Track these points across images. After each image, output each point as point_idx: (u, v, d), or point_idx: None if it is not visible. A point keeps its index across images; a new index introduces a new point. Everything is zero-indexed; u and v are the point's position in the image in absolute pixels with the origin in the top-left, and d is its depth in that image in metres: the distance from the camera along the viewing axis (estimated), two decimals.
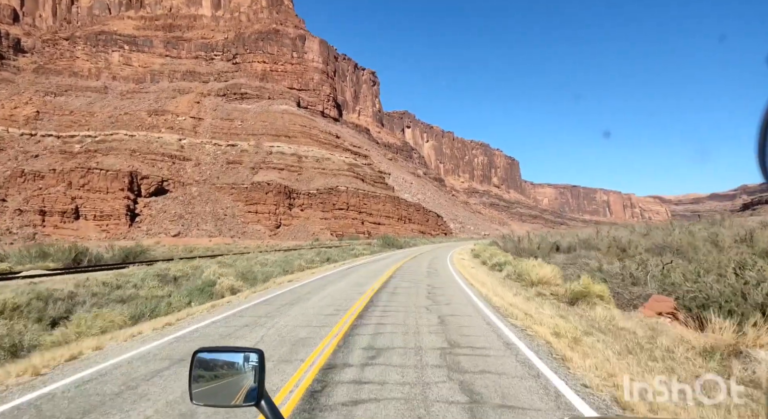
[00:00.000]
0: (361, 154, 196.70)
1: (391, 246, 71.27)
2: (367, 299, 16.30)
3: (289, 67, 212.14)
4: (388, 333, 10.64)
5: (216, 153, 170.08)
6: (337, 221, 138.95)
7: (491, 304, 15.57)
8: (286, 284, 20.74)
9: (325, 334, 10.62)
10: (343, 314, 13.39)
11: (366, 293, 18.00)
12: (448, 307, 15.20)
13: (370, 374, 7.47)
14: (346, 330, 11.08)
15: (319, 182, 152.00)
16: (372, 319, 12.60)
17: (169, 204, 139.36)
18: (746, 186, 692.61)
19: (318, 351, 9.07)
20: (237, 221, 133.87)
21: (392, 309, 14.49)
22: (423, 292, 19.06)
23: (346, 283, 21.56)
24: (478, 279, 23.14)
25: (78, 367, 8.29)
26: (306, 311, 14.12)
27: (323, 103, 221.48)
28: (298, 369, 7.83)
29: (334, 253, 40.88)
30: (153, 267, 25.10)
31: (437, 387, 6.77)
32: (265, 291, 18.65)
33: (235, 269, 23.06)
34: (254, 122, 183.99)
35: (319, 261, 29.95)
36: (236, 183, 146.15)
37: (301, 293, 18.04)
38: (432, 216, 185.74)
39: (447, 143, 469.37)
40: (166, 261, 29.30)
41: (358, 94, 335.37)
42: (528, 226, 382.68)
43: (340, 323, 11.98)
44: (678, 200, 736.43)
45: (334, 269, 28.63)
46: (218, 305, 15.53)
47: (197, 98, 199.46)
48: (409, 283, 22.09)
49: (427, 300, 16.73)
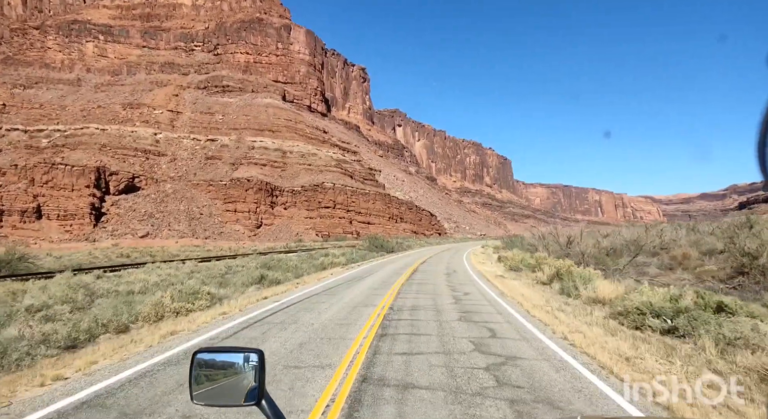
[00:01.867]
0: (350, 150, 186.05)
1: (379, 249, 58.53)
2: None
3: (273, 58, 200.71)
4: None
5: (194, 148, 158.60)
6: (323, 221, 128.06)
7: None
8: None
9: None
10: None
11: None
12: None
13: None
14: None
15: (305, 179, 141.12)
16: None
17: (139, 202, 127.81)
18: (736, 186, 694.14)
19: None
20: (214, 220, 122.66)
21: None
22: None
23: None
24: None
25: None
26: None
27: (310, 98, 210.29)
28: None
29: (294, 262, 29.16)
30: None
31: None
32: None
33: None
34: (236, 116, 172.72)
35: (242, 284, 18.34)
36: (214, 180, 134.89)
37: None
38: (425, 215, 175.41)
39: (439, 142, 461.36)
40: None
41: (347, 90, 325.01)
42: (521, 226, 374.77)
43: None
44: (668, 200, 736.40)
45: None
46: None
47: (176, 91, 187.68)
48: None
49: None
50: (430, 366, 8.15)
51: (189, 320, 12.21)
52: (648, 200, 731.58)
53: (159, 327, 11.46)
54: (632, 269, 25.12)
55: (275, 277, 19.18)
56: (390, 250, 60.66)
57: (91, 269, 23.58)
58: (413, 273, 27.42)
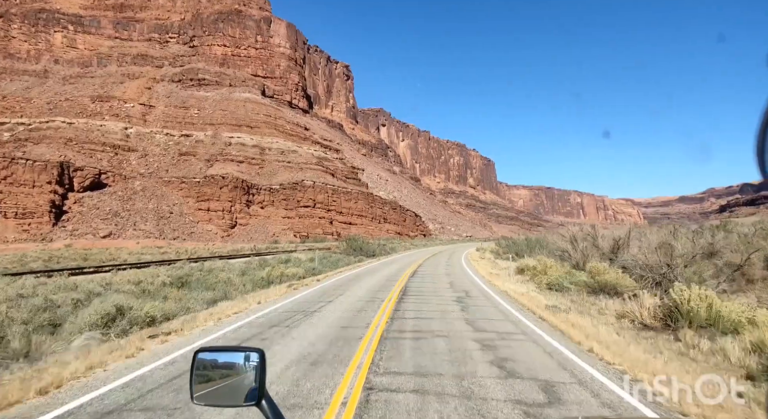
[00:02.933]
0: (333, 148, 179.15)
1: (358, 252, 49.71)
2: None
3: (252, 51, 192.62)
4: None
5: (167, 144, 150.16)
6: (301, 221, 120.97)
7: None
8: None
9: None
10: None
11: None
12: None
13: None
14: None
15: (283, 177, 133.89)
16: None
17: (105, 200, 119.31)
18: (713, 189, 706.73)
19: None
20: (185, 220, 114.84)
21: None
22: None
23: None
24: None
25: None
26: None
27: (291, 93, 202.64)
28: None
29: (235, 272, 22.41)
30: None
31: None
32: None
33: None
34: (212, 111, 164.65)
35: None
36: (187, 177, 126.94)
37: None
38: (410, 216, 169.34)
39: (423, 143, 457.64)
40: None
41: (330, 88, 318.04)
42: (505, 228, 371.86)
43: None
44: (648, 203, 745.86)
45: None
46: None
47: (149, 84, 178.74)
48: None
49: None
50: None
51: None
52: (629, 202, 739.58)
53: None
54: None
55: (138, 315, 11.60)
56: (371, 254, 51.97)
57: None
58: (401, 297, 17.89)
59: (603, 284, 16.94)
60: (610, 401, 6.63)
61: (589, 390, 7.09)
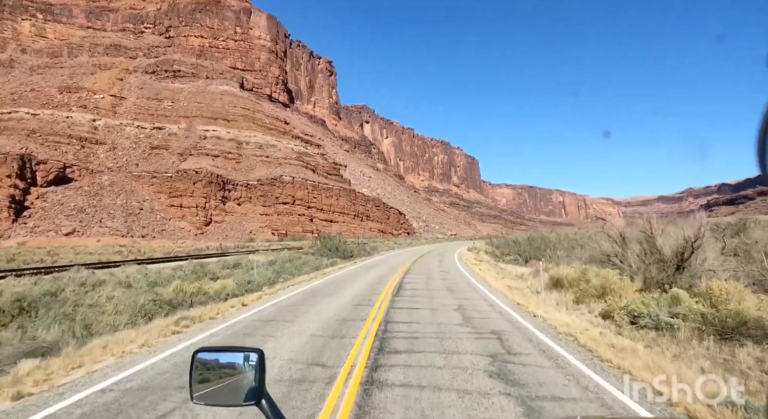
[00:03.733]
0: (314, 143, 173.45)
1: (333, 253, 42.32)
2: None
3: (231, 43, 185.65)
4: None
5: (138, 137, 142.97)
6: (280, 218, 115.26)
7: None
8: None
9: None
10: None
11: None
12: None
13: None
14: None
15: (261, 172, 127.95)
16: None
17: (70, 195, 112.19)
18: (692, 189, 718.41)
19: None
20: (155, 216, 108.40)
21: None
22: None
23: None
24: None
25: None
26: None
27: (271, 86, 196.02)
28: None
29: (141, 284, 17.08)
30: None
31: None
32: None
33: None
34: (187, 103, 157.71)
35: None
36: (159, 171, 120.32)
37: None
38: (393, 213, 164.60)
39: (407, 140, 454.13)
40: None
41: (313, 84, 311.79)
42: (489, 226, 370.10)
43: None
44: (627, 202, 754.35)
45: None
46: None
47: (121, 75, 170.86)
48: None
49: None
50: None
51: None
52: (609, 201, 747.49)
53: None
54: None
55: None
56: (348, 255, 44.49)
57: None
58: (376, 357, 9.13)
59: (739, 320, 9.71)
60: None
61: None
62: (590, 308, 14.60)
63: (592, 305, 14.81)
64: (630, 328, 11.36)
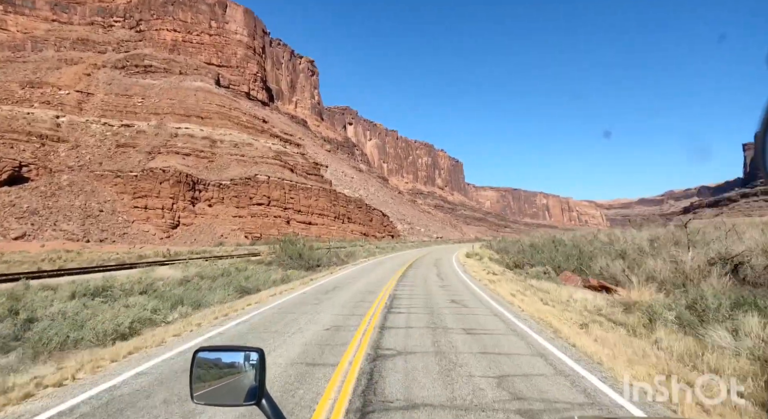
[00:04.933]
0: (293, 142, 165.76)
1: (296, 261, 32.84)
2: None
3: (206, 38, 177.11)
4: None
5: (104, 134, 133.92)
6: (254, 220, 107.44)
7: None
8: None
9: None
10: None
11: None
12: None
13: None
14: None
15: (236, 171, 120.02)
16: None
17: (24, 196, 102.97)
18: (672, 192, 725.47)
19: None
20: (117, 219, 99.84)
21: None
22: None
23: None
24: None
25: None
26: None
27: (249, 83, 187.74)
28: None
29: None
30: None
31: None
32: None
33: None
34: (159, 100, 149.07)
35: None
36: (123, 170, 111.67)
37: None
38: (376, 215, 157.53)
39: (391, 142, 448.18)
40: None
41: (294, 84, 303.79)
42: (474, 229, 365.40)
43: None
44: (609, 205, 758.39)
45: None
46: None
47: (88, 70, 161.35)
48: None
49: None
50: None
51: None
52: (592, 204, 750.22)
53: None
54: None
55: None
56: (313, 264, 33.84)
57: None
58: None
59: None
60: None
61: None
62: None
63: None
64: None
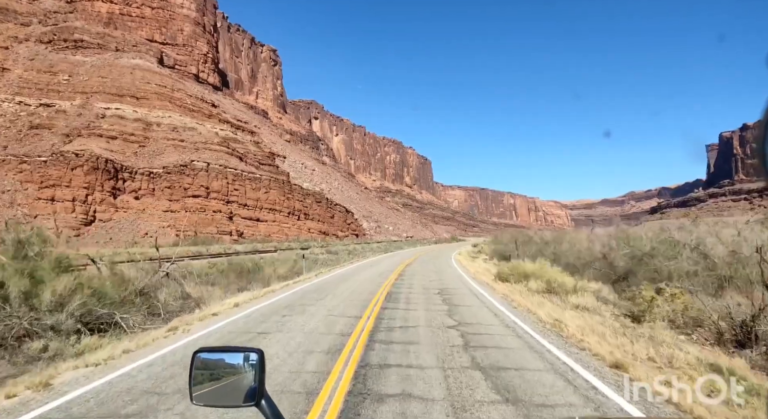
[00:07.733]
0: (247, 129, 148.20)
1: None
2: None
3: (147, 11, 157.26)
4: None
5: (17, 114, 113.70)
6: (189, 216, 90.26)
7: None
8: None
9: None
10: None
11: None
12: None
13: None
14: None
15: (171, 158, 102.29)
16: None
17: None
18: (633, 193, 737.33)
19: None
20: (14, 212, 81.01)
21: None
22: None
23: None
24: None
25: None
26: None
27: (198, 64, 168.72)
28: None
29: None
30: None
31: None
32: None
33: None
34: (88, 78, 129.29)
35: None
36: (31, 155, 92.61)
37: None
38: (339, 211, 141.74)
39: (358, 138, 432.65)
40: None
41: (255, 73, 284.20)
42: (442, 228, 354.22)
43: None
44: (573, 205, 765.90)
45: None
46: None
47: (7, 43, 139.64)
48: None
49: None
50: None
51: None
52: (557, 204, 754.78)
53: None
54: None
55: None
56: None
57: None
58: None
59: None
60: None
61: None
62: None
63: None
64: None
